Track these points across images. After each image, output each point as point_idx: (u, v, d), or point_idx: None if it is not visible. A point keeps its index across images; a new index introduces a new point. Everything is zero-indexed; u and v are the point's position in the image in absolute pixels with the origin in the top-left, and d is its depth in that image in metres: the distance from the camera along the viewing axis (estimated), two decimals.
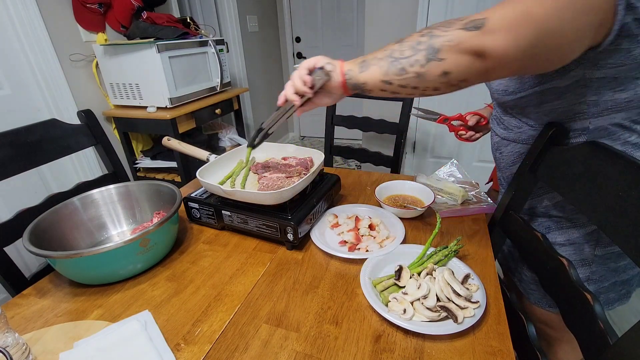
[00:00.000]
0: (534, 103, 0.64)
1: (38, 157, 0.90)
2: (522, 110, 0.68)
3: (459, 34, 0.47)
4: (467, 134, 0.96)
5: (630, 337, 0.41)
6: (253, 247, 0.78)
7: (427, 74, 0.51)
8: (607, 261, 0.67)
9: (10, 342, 0.48)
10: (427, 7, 2.15)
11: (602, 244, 0.66)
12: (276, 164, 0.92)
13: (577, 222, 0.68)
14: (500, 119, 0.74)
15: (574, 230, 0.68)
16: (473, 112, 0.94)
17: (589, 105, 0.58)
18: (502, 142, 0.75)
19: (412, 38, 0.52)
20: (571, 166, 0.58)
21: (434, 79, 0.52)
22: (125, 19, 1.72)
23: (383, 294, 0.61)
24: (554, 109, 0.62)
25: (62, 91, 1.57)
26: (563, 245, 0.70)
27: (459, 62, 0.49)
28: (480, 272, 0.66)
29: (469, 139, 0.97)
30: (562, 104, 0.60)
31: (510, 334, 0.53)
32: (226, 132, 2.24)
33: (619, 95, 0.56)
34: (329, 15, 3.24)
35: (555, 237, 0.70)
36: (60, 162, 1.18)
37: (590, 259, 0.67)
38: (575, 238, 0.68)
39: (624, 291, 0.70)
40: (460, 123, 0.96)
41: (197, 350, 0.53)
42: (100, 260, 0.63)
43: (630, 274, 0.68)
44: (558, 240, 0.70)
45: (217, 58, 1.92)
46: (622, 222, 0.46)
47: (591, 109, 0.58)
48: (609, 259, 0.66)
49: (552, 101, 0.61)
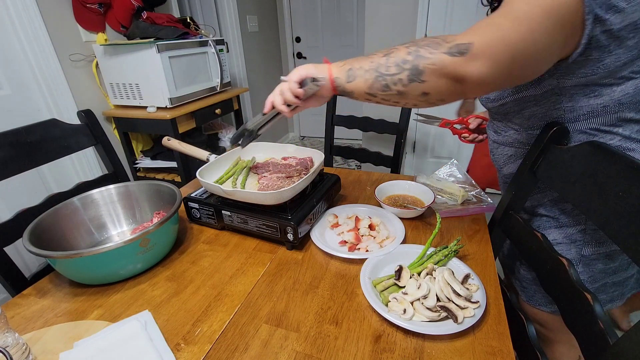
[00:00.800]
0: (515, 109, 0.66)
1: (38, 157, 0.90)
2: (505, 116, 0.70)
3: (443, 58, 0.49)
4: (471, 137, 0.96)
5: (630, 337, 0.41)
6: (253, 247, 0.78)
7: (408, 93, 0.55)
8: (595, 262, 0.66)
9: (10, 342, 0.48)
10: (427, 7, 2.15)
11: (590, 245, 0.66)
12: (276, 164, 0.92)
13: (563, 223, 0.68)
14: (492, 124, 0.76)
15: (559, 230, 0.69)
16: (474, 115, 0.94)
17: (565, 111, 0.60)
18: (494, 145, 0.77)
19: (399, 54, 0.54)
20: (571, 166, 0.58)
21: (414, 98, 0.55)
22: (125, 19, 1.72)
23: (383, 294, 0.61)
24: (534, 114, 0.64)
25: (62, 91, 1.57)
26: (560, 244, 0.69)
27: (439, 85, 0.51)
28: (480, 272, 0.66)
29: (473, 141, 0.97)
30: (540, 109, 0.62)
31: (510, 334, 0.53)
32: (226, 132, 2.24)
33: (594, 101, 0.57)
34: (329, 15, 3.24)
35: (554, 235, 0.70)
36: (60, 162, 1.18)
37: (577, 259, 0.67)
38: (562, 238, 0.68)
39: (616, 293, 0.70)
40: (462, 126, 0.97)
41: (197, 350, 0.53)
42: (100, 260, 0.63)
43: (622, 276, 0.68)
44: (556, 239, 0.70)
45: (217, 58, 1.92)
46: (622, 222, 0.46)
47: (567, 115, 0.60)
48: (597, 260, 0.66)
49: (530, 107, 0.63)
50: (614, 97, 0.56)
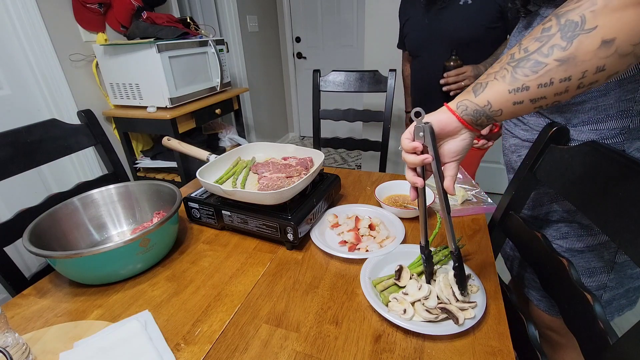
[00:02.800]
0: (577, 101, 0.57)
1: (38, 157, 0.90)
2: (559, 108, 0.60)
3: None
4: (480, 143, 0.95)
5: (630, 337, 0.41)
6: (253, 247, 0.78)
7: (577, 53, 0.38)
8: (625, 268, 0.65)
9: (10, 342, 0.48)
10: None
11: None
12: (276, 164, 0.92)
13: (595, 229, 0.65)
14: (523, 120, 0.70)
15: (591, 237, 0.66)
16: None
17: (637, 102, 0.52)
18: (523, 145, 0.71)
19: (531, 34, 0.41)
20: (571, 166, 0.58)
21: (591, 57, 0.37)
22: (125, 19, 1.72)
23: (383, 294, 0.61)
24: (596, 106, 0.56)
25: (62, 91, 1.57)
26: (582, 252, 0.67)
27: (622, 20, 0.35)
28: (480, 272, 0.66)
29: (482, 148, 0.97)
30: (608, 100, 0.54)
31: (510, 334, 0.53)
32: (226, 132, 2.24)
33: None
34: (329, 15, 3.24)
35: (574, 244, 0.68)
36: (60, 162, 1.18)
37: (610, 265, 0.65)
38: (595, 245, 0.65)
39: (634, 297, 0.69)
40: None
41: (197, 350, 0.53)
42: (100, 260, 0.63)
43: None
44: (577, 247, 0.67)
45: (217, 58, 1.92)
46: (621, 222, 0.46)
47: (637, 107, 0.53)
48: (627, 266, 0.65)
49: (596, 98, 0.55)
50: None
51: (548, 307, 0.76)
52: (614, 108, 0.55)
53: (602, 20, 0.36)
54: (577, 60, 0.38)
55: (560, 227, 0.70)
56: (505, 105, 0.44)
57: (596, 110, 0.57)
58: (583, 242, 0.67)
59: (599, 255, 0.66)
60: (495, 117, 0.46)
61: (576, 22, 0.37)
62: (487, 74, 0.46)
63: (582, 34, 0.37)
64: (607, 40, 0.36)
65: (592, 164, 0.53)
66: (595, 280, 0.67)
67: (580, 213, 0.66)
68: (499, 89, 0.44)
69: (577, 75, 0.39)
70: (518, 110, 0.44)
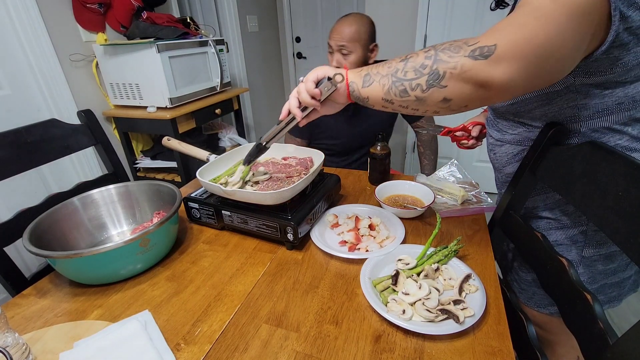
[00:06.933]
0: (525, 109, 0.64)
1: (38, 157, 0.90)
2: (515, 115, 0.68)
3: (464, 62, 0.46)
4: (470, 143, 0.96)
5: (630, 337, 0.41)
6: (253, 247, 0.78)
7: (427, 99, 0.52)
8: (595, 263, 0.66)
9: (10, 342, 0.48)
10: (427, 7, 2.16)
11: (591, 246, 0.65)
12: (276, 164, 0.92)
13: (565, 224, 0.68)
14: (494, 122, 0.75)
15: (560, 231, 0.68)
16: (475, 122, 0.94)
17: (579, 109, 0.58)
18: (496, 144, 0.76)
19: (417, 59, 0.51)
20: (571, 166, 0.58)
21: (434, 104, 0.52)
22: (125, 19, 1.72)
23: (383, 294, 0.61)
24: (545, 113, 0.62)
25: (62, 91, 1.57)
26: None
27: (461, 90, 0.48)
28: (480, 272, 0.66)
29: (471, 147, 0.97)
30: (553, 108, 0.61)
31: (510, 334, 0.53)
32: (226, 132, 2.24)
33: (608, 99, 0.56)
34: (329, 16, 3.24)
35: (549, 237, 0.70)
36: (60, 162, 1.18)
37: (577, 260, 0.67)
38: (563, 239, 0.68)
39: (614, 294, 0.70)
40: (463, 134, 0.96)
41: (197, 350, 0.53)
42: (100, 260, 0.63)
43: (620, 277, 0.68)
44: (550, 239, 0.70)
45: (217, 58, 1.92)
46: (621, 222, 0.46)
47: (582, 113, 0.59)
48: (597, 261, 0.66)
49: (542, 106, 0.61)
50: (628, 94, 0.55)
51: (537, 304, 0.77)
52: (561, 115, 0.61)
53: (451, 84, 0.49)
54: (426, 103, 0.53)
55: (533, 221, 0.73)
56: (377, 103, 0.58)
57: (546, 117, 0.63)
58: (552, 237, 0.69)
59: (567, 250, 0.68)
60: (367, 106, 0.61)
61: (438, 74, 0.49)
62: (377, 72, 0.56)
63: (437, 87, 0.50)
64: (447, 99, 0.51)
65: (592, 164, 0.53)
66: None
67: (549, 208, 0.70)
68: (377, 94, 0.57)
69: (422, 110, 0.55)
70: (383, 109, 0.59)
